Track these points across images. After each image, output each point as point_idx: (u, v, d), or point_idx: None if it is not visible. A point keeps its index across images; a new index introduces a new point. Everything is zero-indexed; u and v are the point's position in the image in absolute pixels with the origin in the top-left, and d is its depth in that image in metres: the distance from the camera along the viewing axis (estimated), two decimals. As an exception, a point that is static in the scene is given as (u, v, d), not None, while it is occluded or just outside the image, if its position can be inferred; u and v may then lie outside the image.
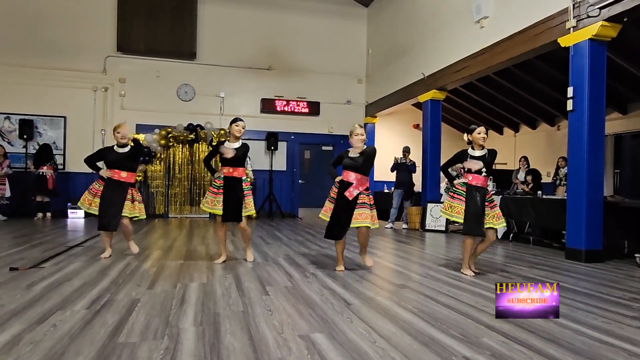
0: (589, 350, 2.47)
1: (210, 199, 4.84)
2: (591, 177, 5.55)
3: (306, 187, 12.57)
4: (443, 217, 4.88)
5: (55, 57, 10.73)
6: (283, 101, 12.17)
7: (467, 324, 2.88)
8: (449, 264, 5.21)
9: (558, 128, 10.54)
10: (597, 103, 5.60)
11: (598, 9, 5.37)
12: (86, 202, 5.08)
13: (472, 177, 4.57)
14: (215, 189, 4.83)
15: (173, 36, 11.42)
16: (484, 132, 4.57)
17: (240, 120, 4.90)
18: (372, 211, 4.59)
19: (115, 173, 5.03)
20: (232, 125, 4.86)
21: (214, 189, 4.85)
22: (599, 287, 4.13)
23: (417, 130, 12.48)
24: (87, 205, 5.07)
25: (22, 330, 2.58)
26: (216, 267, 4.73)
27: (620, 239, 6.16)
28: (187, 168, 11.44)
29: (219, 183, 4.83)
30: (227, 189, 4.78)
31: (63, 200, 10.38)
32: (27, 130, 10.33)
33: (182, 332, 2.62)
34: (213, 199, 4.82)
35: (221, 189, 4.80)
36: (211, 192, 4.86)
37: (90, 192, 5.09)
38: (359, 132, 4.67)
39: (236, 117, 4.99)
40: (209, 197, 4.86)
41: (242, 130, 4.87)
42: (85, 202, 5.09)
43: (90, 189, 5.11)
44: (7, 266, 4.41)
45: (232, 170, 4.80)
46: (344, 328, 2.76)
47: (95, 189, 5.07)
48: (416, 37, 10.07)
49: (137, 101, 11.20)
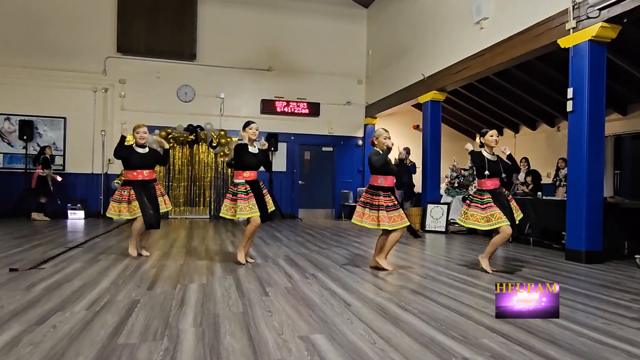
0: (589, 352, 2.47)
1: (243, 205, 4.71)
2: (591, 178, 5.55)
3: (306, 188, 12.56)
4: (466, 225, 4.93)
5: (56, 58, 10.74)
6: (283, 102, 12.17)
7: (467, 325, 2.88)
8: (449, 265, 5.21)
9: (558, 129, 10.53)
10: (597, 104, 5.60)
11: (598, 10, 5.37)
12: (115, 210, 5.09)
13: (491, 181, 4.81)
14: (244, 194, 4.75)
15: (173, 37, 11.43)
16: (496, 135, 4.88)
17: (253, 123, 4.95)
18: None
19: (140, 173, 5.10)
20: (247, 129, 4.88)
21: (242, 195, 4.74)
22: (599, 288, 4.13)
23: (417, 131, 12.49)
24: (117, 212, 5.08)
25: (21, 331, 2.58)
26: (216, 268, 4.72)
27: (620, 240, 6.16)
28: (187, 169, 11.45)
29: (244, 188, 4.78)
30: (255, 192, 4.80)
31: (63, 202, 10.38)
32: (27, 131, 10.33)
33: (181, 333, 2.62)
34: (246, 204, 4.72)
35: (250, 192, 4.77)
36: (241, 198, 4.72)
37: (115, 200, 5.14)
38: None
39: (249, 121, 5.01)
40: (241, 204, 4.71)
41: (256, 132, 4.93)
42: (114, 210, 5.10)
43: (114, 197, 5.17)
44: (7, 267, 4.41)
45: (255, 173, 4.90)
46: (343, 329, 2.76)
47: (122, 196, 5.09)
48: (416, 38, 10.08)
49: (137, 102, 11.21)
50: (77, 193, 10.81)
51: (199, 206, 11.59)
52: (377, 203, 4.62)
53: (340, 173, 12.80)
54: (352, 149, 12.93)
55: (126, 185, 5.12)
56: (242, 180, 4.82)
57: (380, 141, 4.71)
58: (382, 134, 4.73)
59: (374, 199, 4.65)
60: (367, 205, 4.67)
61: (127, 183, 5.12)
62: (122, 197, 5.09)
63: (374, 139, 4.80)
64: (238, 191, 4.78)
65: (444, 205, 9.14)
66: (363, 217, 4.67)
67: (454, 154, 10.76)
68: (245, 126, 4.92)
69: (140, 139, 5.15)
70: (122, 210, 5.07)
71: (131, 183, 5.09)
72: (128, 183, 5.11)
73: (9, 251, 5.46)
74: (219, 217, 11.47)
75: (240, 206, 4.72)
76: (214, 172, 11.62)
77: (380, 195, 4.63)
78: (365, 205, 4.68)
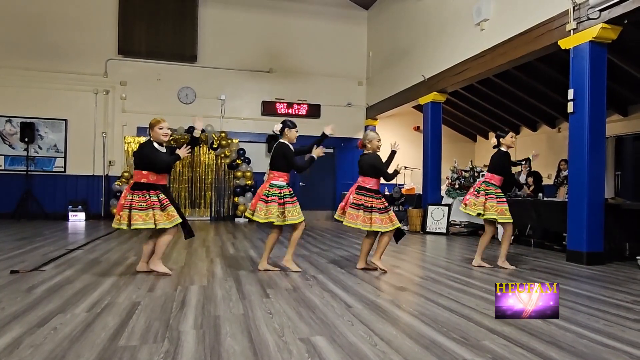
0: (590, 353, 2.46)
1: (293, 210, 4.52)
2: (592, 179, 5.54)
3: (307, 190, 12.56)
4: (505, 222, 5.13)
5: (57, 60, 10.76)
6: (284, 104, 12.18)
7: (468, 327, 2.88)
8: (450, 267, 5.21)
9: (559, 130, 10.53)
10: (597, 105, 5.59)
11: (598, 11, 5.37)
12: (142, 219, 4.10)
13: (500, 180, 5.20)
14: (290, 197, 4.56)
15: (174, 39, 11.45)
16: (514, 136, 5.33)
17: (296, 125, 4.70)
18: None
19: (164, 177, 4.33)
20: (292, 131, 4.64)
21: (288, 198, 4.53)
22: (600, 289, 4.12)
23: (417, 133, 12.48)
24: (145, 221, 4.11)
25: (22, 333, 2.58)
26: (216, 269, 4.72)
27: (621, 241, 6.14)
28: (188, 171, 11.47)
29: (289, 191, 4.59)
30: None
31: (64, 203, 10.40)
32: (28, 133, 10.35)
33: (182, 335, 2.62)
34: (293, 208, 4.53)
35: (294, 195, 4.64)
36: (289, 202, 4.52)
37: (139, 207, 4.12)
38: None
39: (292, 121, 4.74)
40: (290, 208, 4.50)
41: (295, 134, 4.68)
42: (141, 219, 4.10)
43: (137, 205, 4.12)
44: (8, 269, 4.41)
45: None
46: (344, 331, 2.75)
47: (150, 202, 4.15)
48: (417, 39, 10.08)
49: (138, 104, 11.22)
50: (78, 195, 10.82)
51: (200, 208, 11.60)
52: (371, 205, 4.64)
53: (341, 174, 12.80)
54: (353, 150, 12.88)
55: (147, 189, 4.17)
56: (284, 183, 4.59)
57: (374, 144, 4.77)
58: (375, 137, 4.81)
59: (367, 200, 4.67)
60: (360, 207, 4.68)
61: (149, 187, 4.19)
62: (152, 203, 4.13)
63: (365, 142, 4.82)
64: (284, 194, 4.52)
65: (444, 206, 9.13)
66: (357, 219, 4.67)
67: (454, 155, 10.75)
68: (293, 127, 4.64)
69: (164, 136, 4.32)
70: (159, 219, 4.12)
71: (157, 187, 4.23)
72: (151, 187, 4.19)
73: (10, 253, 5.47)
74: (218, 218, 11.51)
75: (290, 210, 4.49)
76: (215, 173, 11.63)
77: (373, 197, 4.67)
78: (359, 208, 4.68)
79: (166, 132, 4.33)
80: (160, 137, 4.32)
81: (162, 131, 4.31)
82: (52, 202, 10.60)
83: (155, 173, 4.24)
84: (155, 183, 4.23)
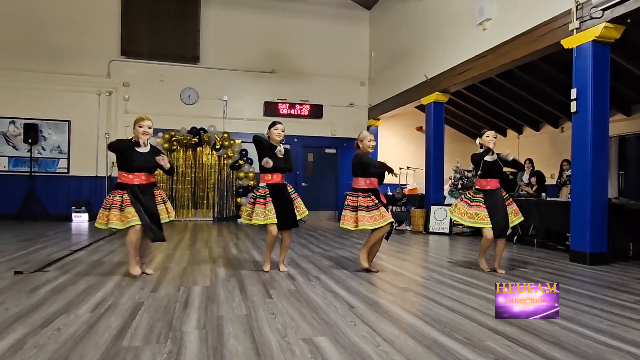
0: (593, 354, 2.45)
1: (260, 211, 4.50)
2: (595, 179, 5.52)
3: (309, 190, 12.56)
4: (451, 216, 5.09)
5: (60, 62, 10.79)
6: (286, 104, 12.19)
7: (471, 327, 2.87)
8: (453, 267, 5.20)
9: (562, 130, 10.50)
10: (600, 105, 5.57)
11: (601, 11, 5.36)
12: (103, 219, 4.19)
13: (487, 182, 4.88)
14: (262, 199, 4.54)
15: (176, 40, 11.47)
16: (493, 135, 4.89)
17: (279, 124, 4.68)
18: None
19: (137, 176, 4.23)
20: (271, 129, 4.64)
21: (260, 199, 4.54)
22: (603, 289, 4.10)
23: (420, 133, 12.47)
24: (104, 222, 4.17)
25: (26, 334, 2.59)
26: (219, 270, 4.73)
27: (625, 241, 6.13)
28: (191, 171, 11.49)
29: (264, 192, 4.56)
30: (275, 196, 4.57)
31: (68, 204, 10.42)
32: (32, 135, 10.38)
33: (185, 336, 2.62)
34: (263, 210, 4.51)
35: (268, 197, 4.55)
36: (259, 202, 4.52)
37: (104, 206, 4.21)
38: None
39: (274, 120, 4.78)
40: (258, 209, 4.51)
41: (281, 133, 4.65)
42: (102, 219, 4.20)
43: (104, 204, 4.23)
44: (11, 269, 4.43)
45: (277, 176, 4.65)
46: (347, 331, 2.75)
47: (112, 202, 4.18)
48: (419, 39, 10.07)
49: (141, 105, 11.23)
50: (81, 196, 10.85)
51: (203, 208, 11.62)
52: (356, 204, 4.65)
53: (344, 175, 12.77)
54: (355, 151, 12.90)
55: (118, 189, 4.21)
56: (263, 184, 4.62)
57: (365, 144, 4.82)
58: (367, 137, 4.85)
59: (353, 200, 4.70)
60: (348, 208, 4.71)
61: (120, 187, 4.21)
62: (113, 202, 4.15)
63: (358, 141, 4.89)
64: (257, 195, 4.59)
65: (447, 206, 9.12)
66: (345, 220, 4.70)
67: (457, 155, 10.73)
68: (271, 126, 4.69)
69: (144, 134, 4.20)
70: (111, 219, 4.10)
71: (125, 187, 4.19)
72: (121, 187, 4.20)
73: (14, 254, 5.49)
74: (221, 219, 11.53)
75: (257, 210, 4.52)
76: (217, 174, 11.64)
77: (359, 196, 4.68)
78: (347, 208, 4.72)
79: (146, 130, 4.21)
80: (140, 135, 4.20)
81: (142, 129, 4.21)
82: (55, 203, 10.62)
83: (124, 171, 4.23)
84: (126, 183, 4.21)
